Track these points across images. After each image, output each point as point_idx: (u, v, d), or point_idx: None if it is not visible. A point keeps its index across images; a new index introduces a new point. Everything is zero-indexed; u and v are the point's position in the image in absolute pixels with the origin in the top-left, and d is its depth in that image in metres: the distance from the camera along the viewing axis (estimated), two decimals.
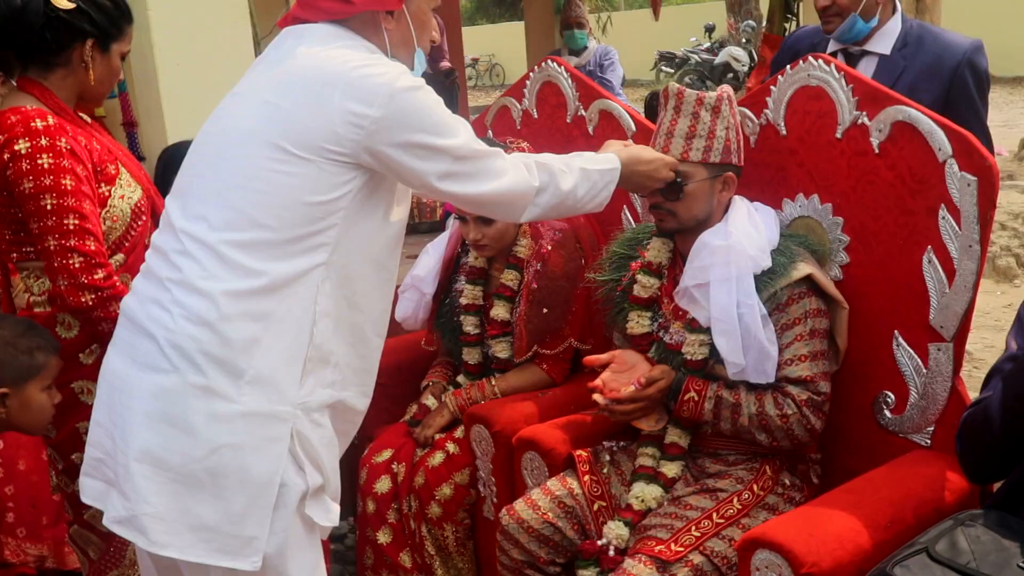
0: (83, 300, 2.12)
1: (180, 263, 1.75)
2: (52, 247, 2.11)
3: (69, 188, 2.10)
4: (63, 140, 2.11)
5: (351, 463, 3.07)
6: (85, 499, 1.89)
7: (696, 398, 2.21)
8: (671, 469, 2.30)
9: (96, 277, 2.12)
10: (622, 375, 2.28)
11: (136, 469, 1.72)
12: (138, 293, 1.83)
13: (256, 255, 1.73)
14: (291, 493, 1.77)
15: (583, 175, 2.05)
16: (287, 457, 1.77)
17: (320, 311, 1.79)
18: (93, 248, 2.13)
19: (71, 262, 2.10)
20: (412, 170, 1.80)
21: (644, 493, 2.27)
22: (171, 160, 3.00)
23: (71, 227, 2.10)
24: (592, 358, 2.31)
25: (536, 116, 3.11)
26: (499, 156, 1.91)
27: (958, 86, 2.73)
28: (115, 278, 2.17)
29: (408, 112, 1.76)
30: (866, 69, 2.82)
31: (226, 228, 1.74)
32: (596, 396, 2.24)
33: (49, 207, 2.09)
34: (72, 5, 2.16)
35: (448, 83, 7.19)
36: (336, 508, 1.91)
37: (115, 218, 2.24)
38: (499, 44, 23.98)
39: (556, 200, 2.00)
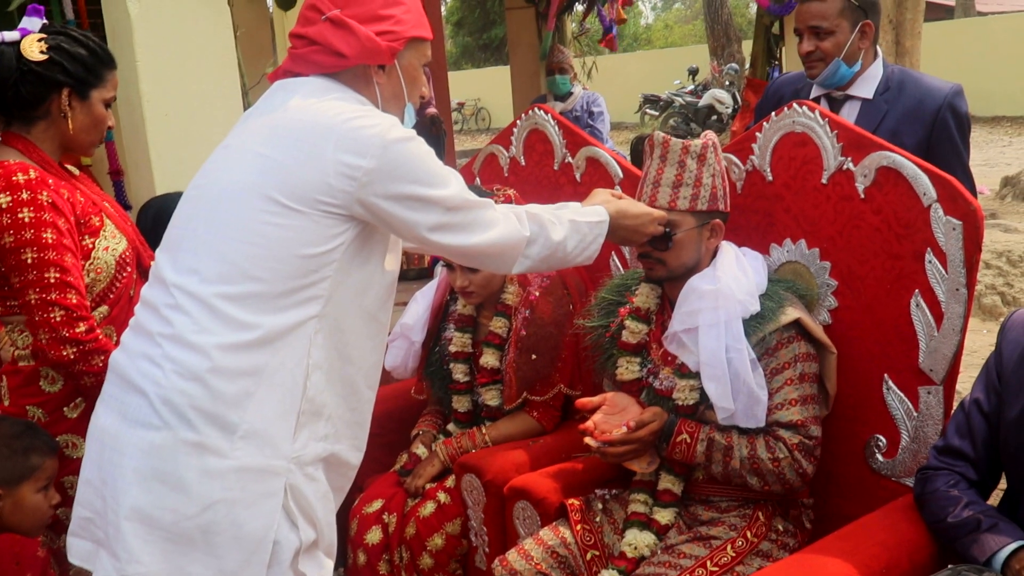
0: (64, 354, 2.10)
1: (172, 317, 1.74)
2: (33, 301, 2.10)
3: (50, 242, 2.09)
4: (44, 194, 2.11)
5: (341, 513, 3.03)
6: (72, 560, 1.86)
7: (688, 440, 2.20)
8: (664, 516, 2.29)
9: (77, 331, 2.11)
10: (613, 417, 2.27)
11: (127, 528, 1.70)
12: (128, 348, 1.81)
13: (249, 308, 1.72)
14: (285, 550, 1.76)
15: (573, 227, 2.03)
16: (280, 513, 1.75)
17: (313, 364, 1.78)
18: (74, 301, 2.11)
19: (52, 316, 2.09)
20: (404, 222, 1.80)
21: (637, 540, 2.25)
22: (160, 213, 2.99)
23: (52, 281, 2.09)
24: (584, 401, 2.31)
25: (523, 163, 3.12)
26: (490, 207, 1.91)
27: (940, 129, 2.76)
28: (98, 331, 2.15)
29: (400, 163, 1.76)
30: (849, 114, 2.86)
31: (219, 281, 1.73)
32: (588, 440, 2.23)
33: (30, 261, 2.09)
34: (44, 57, 2.15)
35: (434, 130, 7.23)
36: (329, 564, 1.90)
37: (99, 270, 2.23)
38: (485, 89, 24.20)
39: (546, 252, 1.99)
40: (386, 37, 1.86)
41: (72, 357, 2.11)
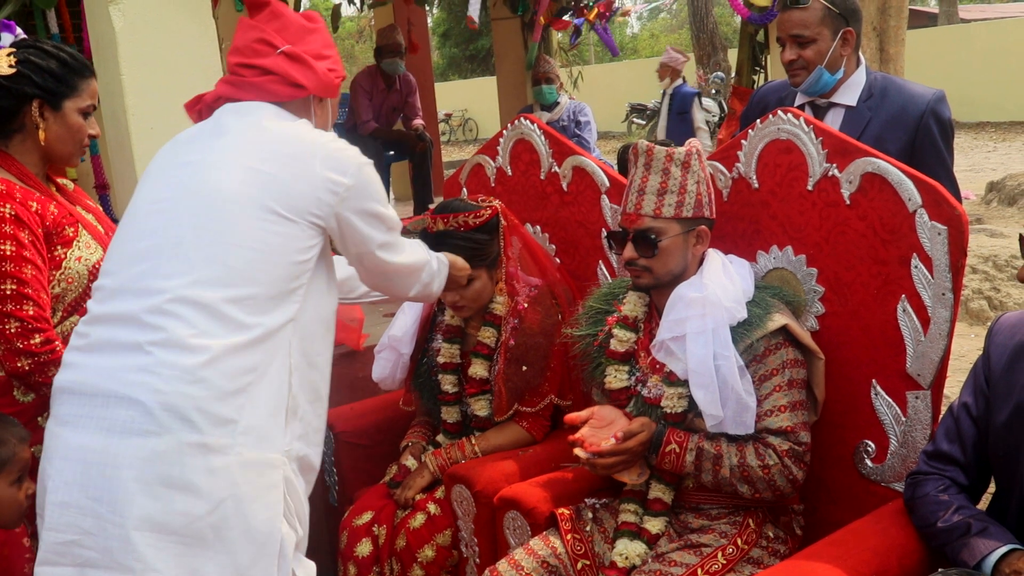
0: (19, 365, 2.13)
1: (162, 324, 1.77)
2: None
3: (8, 254, 2.12)
4: (8, 206, 2.14)
5: (331, 526, 3.03)
6: None
7: (677, 450, 2.20)
8: (654, 525, 2.28)
9: (32, 342, 2.12)
10: (602, 431, 2.27)
11: (137, 538, 1.72)
12: (93, 367, 1.81)
13: (248, 309, 1.82)
14: (288, 544, 1.85)
15: (438, 262, 2.37)
16: (281, 506, 1.84)
17: (294, 364, 1.91)
18: (31, 313, 2.13)
19: (7, 327, 2.12)
20: (363, 236, 2.01)
21: (628, 550, 2.25)
22: None
23: (8, 292, 2.12)
24: (572, 416, 2.31)
25: (510, 173, 3.13)
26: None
27: (923, 135, 2.78)
28: (56, 343, 2.16)
29: (367, 183, 1.99)
30: (833, 121, 2.87)
31: (219, 285, 1.81)
32: (577, 451, 2.23)
33: None
34: (12, 71, 2.19)
35: (420, 145, 7.24)
36: (312, 566, 1.98)
37: (70, 279, 2.25)
38: (471, 99, 24.25)
39: (428, 279, 2.30)
40: (332, 74, 2.09)
41: (27, 369, 2.13)
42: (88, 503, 1.76)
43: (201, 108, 2.08)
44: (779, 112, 2.40)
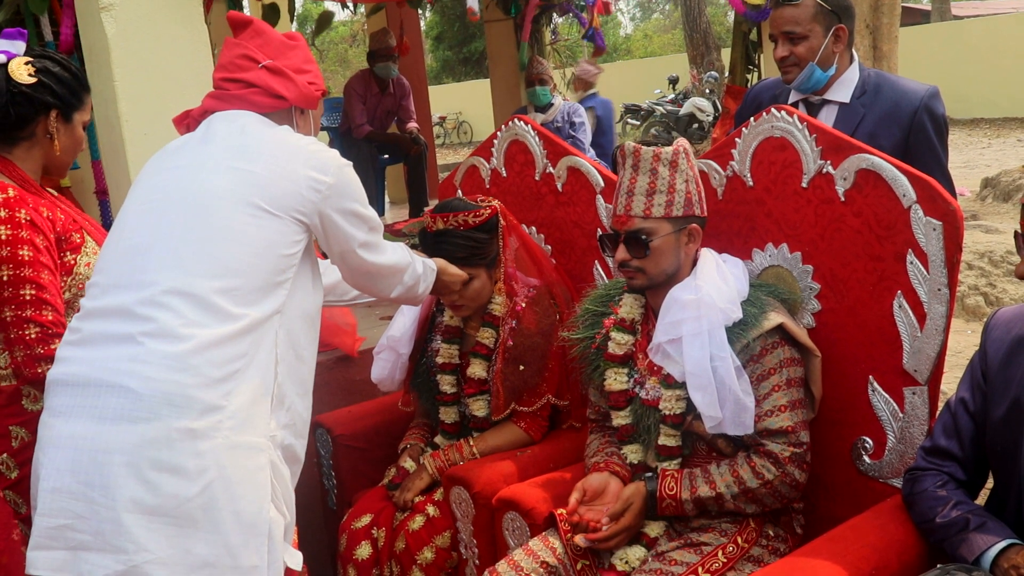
0: (39, 371, 2.12)
1: (152, 314, 1.84)
2: (8, 318, 2.12)
3: (26, 259, 2.13)
4: (22, 212, 2.15)
5: (330, 529, 3.02)
6: (42, 572, 1.85)
7: (673, 504, 2.23)
8: (654, 529, 2.28)
9: (53, 347, 2.12)
10: (596, 504, 2.29)
11: (129, 520, 1.77)
12: (85, 360, 1.87)
13: (236, 300, 1.90)
14: (276, 527, 1.90)
15: (424, 266, 2.45)
16: (269, 489, 1.89)
17: (280, 354, 1.98)
18: (50, 318, 2.14)
19: (27, 333, 2.12)
20: (344, 234, 2.10)
21: (627, 555, 2.25)
22: None
23: (27, 298, 2.12)
24: (570, 507, 2.29)
25: (505, 175, 3.13)
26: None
27: (917, 131, 2.78)
28: None
29: (348, 182, 2.09)
30: (827, 118, 2.87)
31: (208, 276, 1.88)
32: (578, 539, 2.25)
33: (5, 278, 2.12)
34: (33, 80, 2.22)
35: (415, 148, 7.24)
36: (300, 555, 2.04)
37: (81, 285, 2.25)
38: (466, 102, 24.23)
39: (412, 281, 2.38)
40: (313, 87, 2.19)
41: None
42: (80, 488, 1.80)
43: (189, 122, 2.18)
44: (773, 110, 2.40)
